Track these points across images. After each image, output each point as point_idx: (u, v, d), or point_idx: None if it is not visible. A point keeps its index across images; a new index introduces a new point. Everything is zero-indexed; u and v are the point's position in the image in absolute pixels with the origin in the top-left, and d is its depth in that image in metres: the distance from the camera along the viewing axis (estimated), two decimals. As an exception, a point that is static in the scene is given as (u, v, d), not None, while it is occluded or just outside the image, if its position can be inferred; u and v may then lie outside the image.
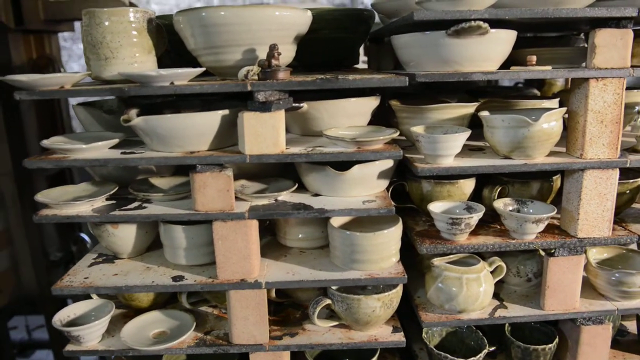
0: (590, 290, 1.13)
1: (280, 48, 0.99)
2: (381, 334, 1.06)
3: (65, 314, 1.06)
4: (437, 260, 1.06)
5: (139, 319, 1.08)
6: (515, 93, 1.49)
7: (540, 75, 0.97)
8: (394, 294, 1.03)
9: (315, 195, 1.06)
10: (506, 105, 1.18)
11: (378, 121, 1.15)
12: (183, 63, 1.11)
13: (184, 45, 1.04)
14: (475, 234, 1.07)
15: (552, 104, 1.22)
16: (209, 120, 0.94)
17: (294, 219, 1.11)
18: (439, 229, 1.04)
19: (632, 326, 1.28)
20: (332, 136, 0.97)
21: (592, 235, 1.04)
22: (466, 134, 0.98)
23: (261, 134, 0.92)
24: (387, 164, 1.03)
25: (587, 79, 0.97)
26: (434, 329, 1.16)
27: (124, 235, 1.06)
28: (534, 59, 1.00)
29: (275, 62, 0.94)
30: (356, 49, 1.35)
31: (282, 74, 0.94)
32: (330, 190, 1.04)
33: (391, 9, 1.16)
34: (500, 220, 1.06)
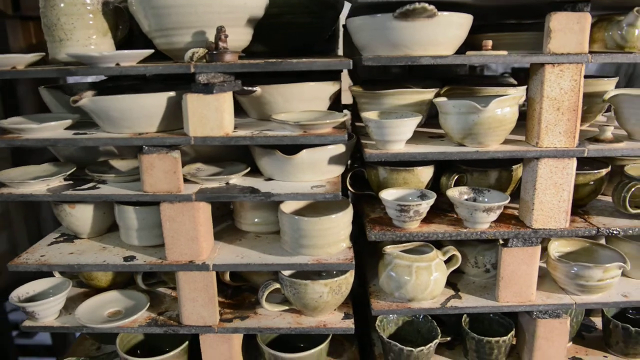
0: (552, 283, 1.11)
1: (232, 31, 0.99)
2: (331, 320, 1.06)
3: (25, 291, 1.09)
4: (390, 248, 1.05)
5: (96, 298, 1.11)
6: (492, 80, 1.45)
7: (493, 60, 0.94)
8: (342, 280, 1.02)
9: (268, 179, 1.06)
10: (469, 93, 1.15)
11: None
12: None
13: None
14: (430, 222, 1.05)
15: (519, 91, 1.18)
16: (155, 101, 0.95)
17: (249, 204, 1.11)
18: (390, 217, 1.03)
19: (600, 322, 1.24)
20: (278, 120, 0.96)
21: (548, 227, 1.01)
22: (414, 119, 0.96)
23: (205, 116, 0.93)
24: (338, 149, 1.02)
25: (543, 65, 0.94)
26: (390, 318, 1.15)
27: (81, 215, 1.09)
28: (490, 43, 0.98)
29: (222, 45, 0.94)
30: (324, 34, 1.34)
31: (229, 57, 0.94)
32: (281, 174, 1.03)
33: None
34: (457, 209, 1.04)
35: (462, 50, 0.99)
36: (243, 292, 1.18)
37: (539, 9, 1.00)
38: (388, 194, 1.04)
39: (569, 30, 0.92)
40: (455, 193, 1.05)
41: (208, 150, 1.13)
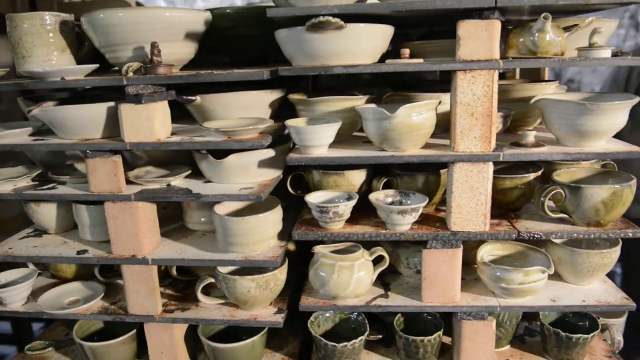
0: (483, 286, 1.12)
1: (171, 45, 1.09)
2: (263, 314, 1.12)
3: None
4: (318, 247, 1.11)
5: (60, 288, 1.23)
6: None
7: (403, 68, 0.98)
8: (270, 276, 1.08)
9: (207, 182, 1.14)
10: (407, 99, 1.18)
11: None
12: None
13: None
14: (357, 223, 1.10)
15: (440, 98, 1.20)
16: (97, 111, 1.05)
17: (195, 204, 1.20)
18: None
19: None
20: (205, 127, 1.04)
21: (467, 229, 1.03)
22: (330, 125, 1.01)
23: (137, 124, 1.02)
24: (268, 153, 1.09)
25: (455, 72, 0.97)
26: (327, 315, 1.20)
27: (46, 212, 1.21)
28: (407, 52, 1.02)
29: (156, 59, 1.03)
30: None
31: (162, 69, 1.03)
32: (216, 177, 1.11)
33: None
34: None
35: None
36: (193, 287, 1.26)
37: (452, 18, 1.02)
38: (314, 197, 1.09)
39: (477, 38, 0.94)
40: (381, 196, 1.09)
41: (159, 154, 1.23)
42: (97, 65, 1.09)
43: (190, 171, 1.15)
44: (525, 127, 1.20)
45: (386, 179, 1.13)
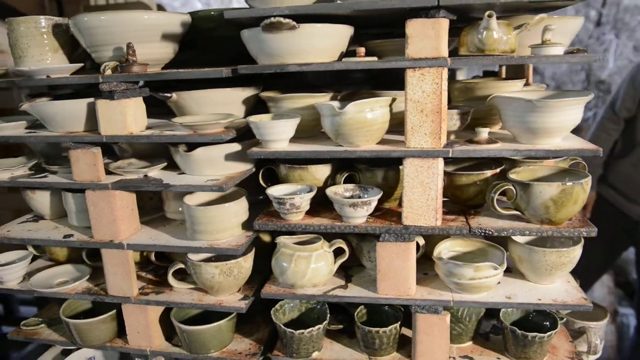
0: (442, 281, 1.14)
1: (150, 45, 1.17)
2: (228, 299, 1.19)
3: (-2, 259, 1.35)
4: (281, 238, 1.16)
5: (52, 270, 1.34)
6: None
7: (354, 66, 1.02)
8: (233, 264, 1.14)
9: (181, 173, 1.21)
10: (372, 96, 1.22)
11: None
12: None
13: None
14: (317, 215, 1.14)
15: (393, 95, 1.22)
16: (78, 106, 1.15)
17: (172, 194, 1.28)
18: (278, 209, 1.14)
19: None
20: (173, 121, 1.12)
21: (419, 224, 1.06)
22: (287, 121, 1.06)
23: (111, 118, 1.11)
24: (233, 147, 1.15)
25: (405, 69, 1.00)
26: (293, 304, 1.24)
27: (41, 199, 1.32)
28: (362, 50, 1.05)
29: (131, 58, 1.11)
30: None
31: (136, 68, 1.11)
32: (188, 169, 1.19)
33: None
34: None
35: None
36: (172, 272, 1.34)
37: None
38: (277, 189, 1.14)
39: (424, 36, 0.97)
40: (340, 190, 1.13)
41: (143, 148, 1.31)
42: (81, 64, 1.19)
43: (166, 163, 1.23)
44: (492, 125, 1.20)
45: (348, 174, 1.16)
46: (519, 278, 1.15)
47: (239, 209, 1.15)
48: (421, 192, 1.04)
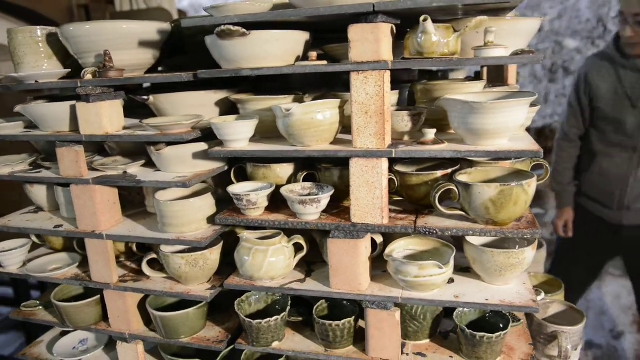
0: (397, 278, 1.17)
1: (129, 52, 1.27)
2: (197, 289, 1.26)
3: (1, 246, 1.49)
4: (244, 232, 1.22)
5: (48, 257, 1.46)
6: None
7: (301, 69, 1.07)
8: (199, 255, 1.22)
9: (157, 170, 1.30)
10: (335, 98, 1.25)
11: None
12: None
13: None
14: (276, 212, 1.20)
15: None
16: (62, 108, 1.26)
17: (152, 190, 1.37)
18: (239, 205, 1.20)
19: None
20: (142, 122, 1.21)
21: (366, 222, 1.09)
22: (243, 122, 1.13)
23: (89, 120, 1.21)
24: (201, 146, 1.22)
25: (350, 73, 1.03)
26: (259, 296, 1.30)
27: (38, 193, 1.45)
28: (314, 55, 1.10)
29: (108, 64, 1.21)
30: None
31: (113, 73, 1.21)
32: (161, 166, 1.27)
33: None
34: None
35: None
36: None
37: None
38: (239, 187, 1.21)
39: (365, 41, 1.00)
40: (298, 188, 1.18)
41: (130, 147, 1.41)
42: (68, 70, 1.30)
43: (144, 161, 1.32)
44: (453, 127, 1.21)
45: (306, 173, 1.21)
46: (476, 279, 1.16)
47: (203, 204, 1.22)
48: (367, 191, 1.07)
